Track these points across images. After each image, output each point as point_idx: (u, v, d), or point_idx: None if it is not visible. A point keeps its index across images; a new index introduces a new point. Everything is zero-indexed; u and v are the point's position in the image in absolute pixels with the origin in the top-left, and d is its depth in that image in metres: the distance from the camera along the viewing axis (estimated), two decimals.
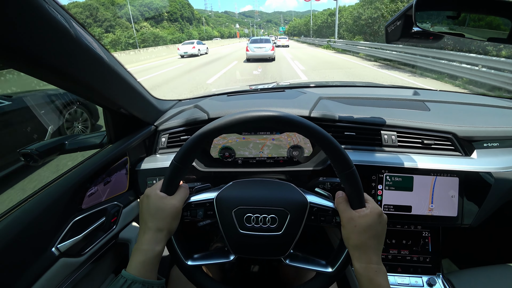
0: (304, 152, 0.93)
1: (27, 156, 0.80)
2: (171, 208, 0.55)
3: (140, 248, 0.52)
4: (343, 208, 0.55)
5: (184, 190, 0.59)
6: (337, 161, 0.53)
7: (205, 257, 0.61)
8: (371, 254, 0.52)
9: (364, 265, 0.52)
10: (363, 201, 0.54)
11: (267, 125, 0.54)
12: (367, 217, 0.52)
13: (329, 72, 10.20)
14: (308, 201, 0.58)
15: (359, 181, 0.53)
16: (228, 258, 0.60)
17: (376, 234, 0.53)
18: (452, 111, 1.04)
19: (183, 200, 0.58)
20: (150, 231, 0.53)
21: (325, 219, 0.58)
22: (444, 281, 0.87)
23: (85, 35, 0.57)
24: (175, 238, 0.58)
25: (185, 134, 1.00)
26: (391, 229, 0.94)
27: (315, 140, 0.53)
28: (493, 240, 1.20)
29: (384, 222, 0.55)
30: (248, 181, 0.65)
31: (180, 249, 0.59)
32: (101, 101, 0.76)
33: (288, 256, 0.59)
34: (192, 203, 0.60)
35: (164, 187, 0.57)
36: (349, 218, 0.53)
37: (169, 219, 0.54)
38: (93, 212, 0.76)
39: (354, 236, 0.53)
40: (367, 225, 0.52)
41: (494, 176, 0.83)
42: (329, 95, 1.12)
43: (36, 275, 0.60)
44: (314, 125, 0.53)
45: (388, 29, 0.73)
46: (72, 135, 0.92)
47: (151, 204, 0.55)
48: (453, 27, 0.69)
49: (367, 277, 0.51)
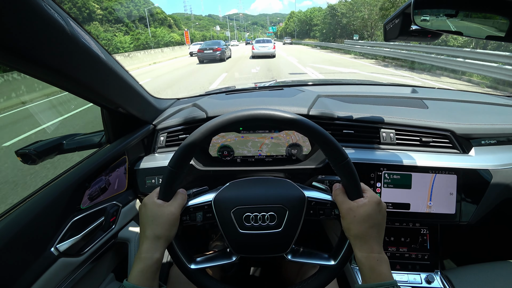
0: (302, 151, 0.93)
1: (25, 156, 0.79)
2: (168, 215, 0.54)
3: (140, 257, 0.53)
4: (341, 200, 0.55)
5: (181, 195, 0.58)
6: (331, 154, 0.53)
7: (208, 259, 0.61)
8: (372, 243, 0.52)
9: (365, 254, 0.52)
10: (361, 191, 0.55)
11: (261, 123, 0.54)
12: (365, 206, 0.53)
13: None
14: (306, 195, 0.58)
15: (354, 172, 0.53)
16: (231, 259, 0.60)
17: (376, 223, 0.53)
18: (450, 109, 1.04)
19: (181, 206, 0.57)
20: (148, 239, 0.53)
21: (324, 213, 0.58)
22: (442, 278, 0.88)
23: (82, 34, 0.57)
24: (176, 243, 0.58)
25: (183, 133, 1.00)
26: (390, 226, 0.94)
27: (308, 134, 0.54)
28: (491, 237, 1.21)
29: (383, 211, 0.55)
30: (245, 180, 0.65)
31: (183, 253, 0.59)
32: (99, 100, 0.75)
33: (290, 252, 0.59)
34: (190, 207, 0.59)
35: (161, 194, 0.57)
36: (348, 209, 0.54)
37: (166, 226, 0.54)
38: (92, 211, 0.76)
39: (354, 226, 0.53)
40: (367, 214, 0.52)
41: (491, 173, 0.84)
42: (328, 93, 1.12)
43: (35, 275, 0.60)
44: (306, 119, 0.53)
45: (386, 27, 0.73)
46: (70, 135, 0.92)
47: (148, 212, 0.55)
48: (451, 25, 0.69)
49: (369, 266, 0.51)
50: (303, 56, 18.43)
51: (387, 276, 0.50)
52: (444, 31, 0.69)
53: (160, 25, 74.95)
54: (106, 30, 58.38)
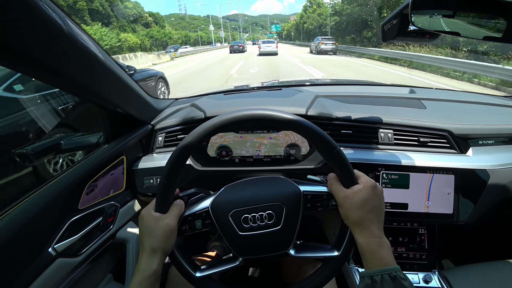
0: (301, 151, 0.93)
1: (23, 156, 0.79)
2: (164, 227, 0.55)
3: (138, 269, 0.53)
4: (336, 189, 0.55)
5: (177, 207, 0.58)
6: (320, 145, 0.54)
7: (212, 266, 0.60)
8: (372, 227, 0.52)
9: (366, 239, 0.52)
10: (355, 178, 0.55)
11: (248, 124, 0.54)
12: (361, 192, 0.53)
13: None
14: (301, 190, 0.58)
15: (346, 160, 0.54)
16: (235, 262, 0.60)
17: (373, 207, 0.53)
18: (448, 109, 1.04)
19: (177, 217, 0.57)
20: (146, 251, 0.54)
21: (321, 204, 0.58)
22: (440, 278, 0.88)
23: (80, 33, 0.57)
24: (179, 253, 0.58)
25: (181, 133, 1.00)
26: (388, 226, 0.95)
27: (295, 129, 0.54)
28: (489, 237, 1.22)
29: (380, 194, 0.55)
30: (239, 182, 0.64)
31: (186, 262, 0.59)
32: (97, 100, 0.75)
33: (293, 247, 0.59)
34: (188, 216, 0.59)
35: (157, 207, 0.57)
36: (344, 197, 0.54)
37: (162, 238, 0.54)
38: (90, 212, 0.76)
39: (352, 213, 0.53)
40: (363, 200, 0.52)
41: (489, 173, 0.84)
42: (326, 93, 1.12)
43: (33, 275, 0.59)
44: (290, 114, 0.53)
45: (384, 27, 0.73)
46: (68, 135, 0.92)
47: (145, 225, 0.56)
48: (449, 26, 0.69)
49: (370, 251, 0.51)
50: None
51: (388, 261, 0.50)
52: (441, 32, 0.69)
53: (133, 23, 62.08)
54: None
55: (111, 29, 46.31)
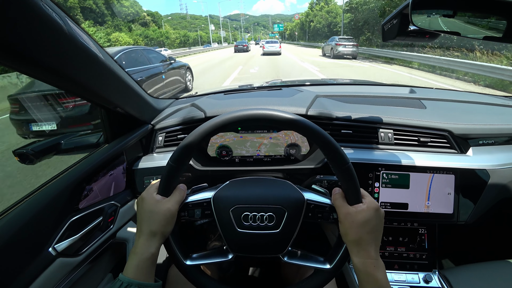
0: (301, 151, 0.93)
1: (23, 156, 0.79)
2: (165, 211, 0.54)
3: (135, 252, 0.53)
4: (340, 204, 0.55)
5: (180, 192, 0.58)
6: (333, 157, 0.53)
7: (203, 256, 0.61)
8: (369, 249, 0.52)
9: (362, 260, 0.52)
10: (360, 197, 0.55)
11: (264, 123, 0.54)
12: (364, 212, 0.53)
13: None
14: (305, 198, 0.58)
15: (355, 177, 0.54)
16: (226, 257, 0.60)
17: (373, 229, 0.53)
18: (448, 109, 1.04)
19: (179, 202, 0.57)
20: (144, 234, 0.53)
21: (322, 216, 0.58)
22: (440, 278, 0.88)
23: (80, 33, 0.57)
24: (173, 239, 0.58)
25: (182, 133, 1.00)
26: (388, 226, 0.95)
27: (311, 137, 0.54)
28: (489, 237, 1.22)
29: (381, 217, 0.55)
30: (245, 179, 0.65)
31: (179, 249, 0.59)
32: (97, 100, 0.75)
33: (286, 253, 0.59)
34: (189, 203, 0.59)
35: (160, 189, 0.56)
36: (346, 214, 0.54)
37: (163, 222, 0.54)
38: (90, 211, 0.76)
39: (351, 231, 0.53)
40: (365, 220, 0.52)
41: (489, 173, 0.84)
42: (326, 93, 1.12)
43: (33, 275, 0.59)
44: (309, 122, 0.53)
45: (384, 27, 0.73)
46: (68, 135, 0.92)
47: (145, 208, 0.55)
48: (449, 25, 0.69)
49: (365, 272, 0.51)
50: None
51: (383, 282, 0.51)
52: (442, 32, 0.69)
53: (130, 23, 59.80)
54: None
55: (105, 28, 45.28)
